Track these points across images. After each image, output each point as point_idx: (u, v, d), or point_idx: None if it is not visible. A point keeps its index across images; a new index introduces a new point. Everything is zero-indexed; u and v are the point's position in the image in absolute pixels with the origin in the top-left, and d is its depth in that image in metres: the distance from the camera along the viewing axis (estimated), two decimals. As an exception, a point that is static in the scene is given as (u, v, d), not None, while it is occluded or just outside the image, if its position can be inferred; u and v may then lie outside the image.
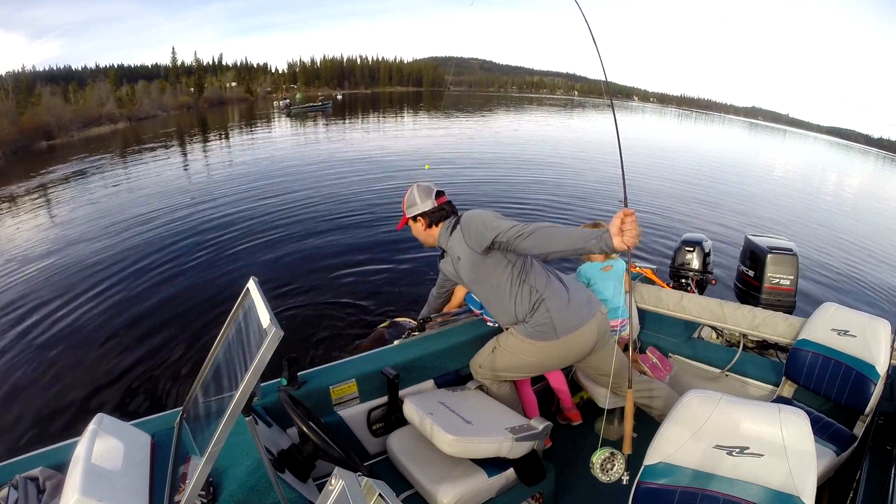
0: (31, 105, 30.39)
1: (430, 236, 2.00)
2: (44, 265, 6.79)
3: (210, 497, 1.19)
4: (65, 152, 18.83)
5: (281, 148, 17.23)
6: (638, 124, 43.69)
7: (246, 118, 30.29)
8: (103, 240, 7.60)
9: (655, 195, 10.98)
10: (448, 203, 2.01)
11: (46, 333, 4.82)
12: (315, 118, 28.25)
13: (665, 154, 20.69)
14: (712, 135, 43.81)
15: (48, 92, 35.60)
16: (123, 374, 4.06)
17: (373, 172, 12.03)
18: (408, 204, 2.01)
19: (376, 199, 9.36)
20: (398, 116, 33.13)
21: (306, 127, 24.29)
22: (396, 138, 20.96)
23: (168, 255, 6.88)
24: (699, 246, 3.43)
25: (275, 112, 34.79)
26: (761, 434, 1.11)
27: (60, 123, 26.19)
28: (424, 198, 1.96)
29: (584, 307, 1.90)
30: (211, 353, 1.38)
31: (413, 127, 25.75)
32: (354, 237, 7.28)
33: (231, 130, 20.44)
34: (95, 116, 31.15)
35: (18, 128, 23.67)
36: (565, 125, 33.12)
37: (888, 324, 1.87)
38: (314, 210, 8.71)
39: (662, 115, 78.25)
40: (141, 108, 37.15)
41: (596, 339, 1.91)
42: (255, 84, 75.42)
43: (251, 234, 7.59)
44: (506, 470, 1.70)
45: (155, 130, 25.51)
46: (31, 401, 3.79)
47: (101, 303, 5.44)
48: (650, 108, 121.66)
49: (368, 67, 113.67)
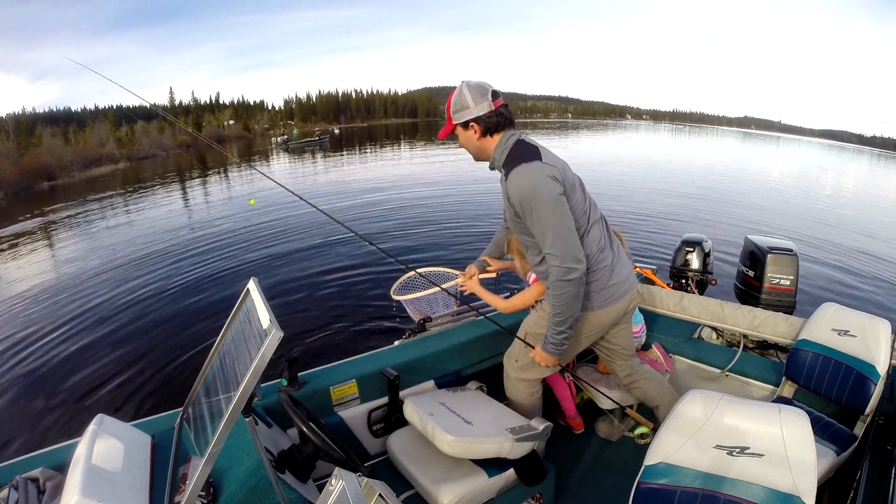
0: (31, 146, 30.75)
1: (485, 149, 1.67)
2: (48, 272, 6.82)
3: (210, 497, 1.19)
4: (66, 192, 19.11)
5: (281, 178, 17.37)
6: (636, 140, 44.07)
7: (245, 155, 30.49)
8: (107, 251, 7.68)
9: (655, 196, 10.99)
10: (505, 106, 1.65)
11: (47, 335, 4.82)
12: (313, 153, 28.47)
13: (664, 159, 20.77)
14: (708, 145, 44.40)
15: (48, 133, 35.95)
16: (123, 374, 4.07)
17: (372, 194, 12.18)
18: (456, 107, 1.63)
19: (375, 215, 9.43)
20: (395, 147, 33.34)
21: (304, 161, 24.54)
22: (393, 167, 21.14)
23: (169, 259, 6.91)
24: (699, 246, 3.43)
25: (273, 148, 35.08)
26: (762, 434, 1.11)
27: (61, 164, 26.50)
28: (479, 98, 1.60)
29: (624, 283, 1.75)
30: (211, 354, 1.38)
31: (410, 156, 25.93)
32: (355, 244, 7.30)
33: (230, 167, 20.69)
34: (96, 157, 31.45)
35: (20, 169, 23.95)
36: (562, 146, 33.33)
37: (888, 324, 1.86)
38: (314, 222, 8.77)
39: (657, 131, 78.81)
40: (141, 148, 37.40)
41: (623, 315, 1.82)
42: (253, 121, 75.60)
43: (252, 240, 7.63)
44: (506, 470, 1.70)
45: (155, 169, 25.80)
46: (31, 401, 3.80)
47: (102, 305, 5.45)
48: (644, 125, 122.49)
49: (363, 101, 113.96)
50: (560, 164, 1.63)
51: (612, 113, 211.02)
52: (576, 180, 1.68)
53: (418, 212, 9.65)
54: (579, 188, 1.68)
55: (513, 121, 1.68)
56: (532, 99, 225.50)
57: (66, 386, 3.97)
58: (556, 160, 1.64)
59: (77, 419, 3.46)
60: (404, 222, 8.74)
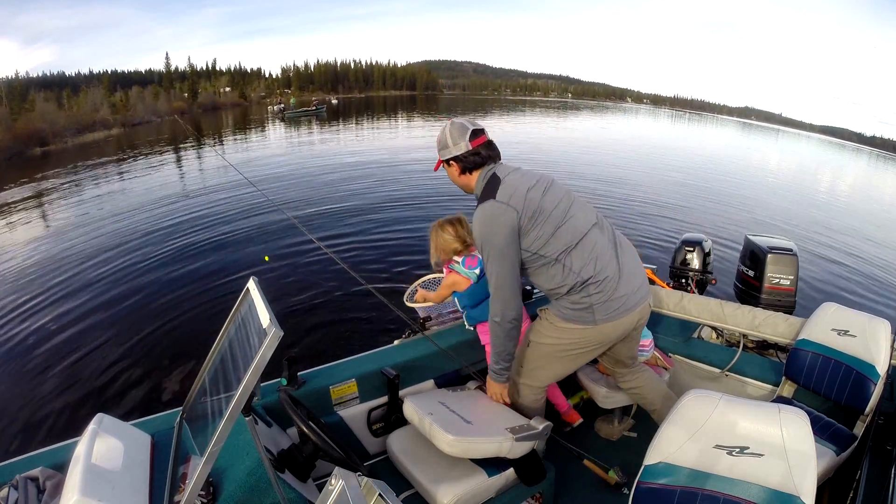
0: (24, 111, 30.45)
1: (468, 185, 1.75)
2: (43, 265, 6.79)
3: (210, 497, 1.19)
4: (59, 158, 18.97)
5: (276, 152, 17.26)
6: (635, 125, 43.80)
7: (240, 123, 30.28)
8: (102, 241, 7.63)
9: (655, 195, 10.99)
10: (486, 145, 1.70)
11: (46, 334, 4.82)
12: (309, 122, 28.14)
13: (663, 154, 20.73)
14: (708, 135, 44.05)
15: (42, 98, 35.66)
16: (123, 374, 4.07)
17: (373, 175, 12.05)
18: (440, 145, 1.75)
19: (378, 200, 9.38)
20: (393, 120, 33.09)
21: (301, 131, 24.29)
22: (392, 141, 21.01)
23: (168, 255, 6.89)
24: (699, 246, 3.43)
25: (269, 117, 34.72)
26: (761, 434, 1.11)
27: (54, 129, 26.33)
28: (457, 138, 1.69)
29: (632, 295, 1.67)
30: (211, 353, 1.38)
31: (408, 130, 25.76)
32: (355, 238, 7.28)
33: (225, 135, 20.52)
34: (89, 122, 31.32)
35: (12, 134, 23.82)
36: (558, 127, 33.16)
37: (888, 324, 1.86)
38: (314, 211, 8.71)
39: (657, 117, 78.70)
40: (135, 114, 37.38)
41: (631, 330, 1.75)
42: (249, 89, 75.48)
43: (251, 235, 7.60)
44: (506, 470, 1.70)
45: (149, 135, 25.60)
46: (31, 401, 3.79)
47: (101, 303, 5.45)
48: (644, 109, 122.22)
49: (362, 71, 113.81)
50: (519, 195, 1.60)
51: (613, 95, 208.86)
52: (544, 203, 1.62)
53: (421, 203, 9.63)
54: (553, 210, 1.63)
55: (493, 157, 1.73)
56: (532, 77, 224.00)
57: (65, 385, 3.96)
58: (516, 189, 1.62)
59: (77, 419, 3.46)
60: (407, 213, 8.67)
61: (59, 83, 53.87)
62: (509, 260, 1.61)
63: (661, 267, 3.56)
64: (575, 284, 1.62)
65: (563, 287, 1.65)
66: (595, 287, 1.62)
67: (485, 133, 1.72)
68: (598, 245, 1.64)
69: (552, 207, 1.63)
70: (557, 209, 1.64)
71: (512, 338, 1.73)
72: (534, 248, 1.62)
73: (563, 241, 1.61)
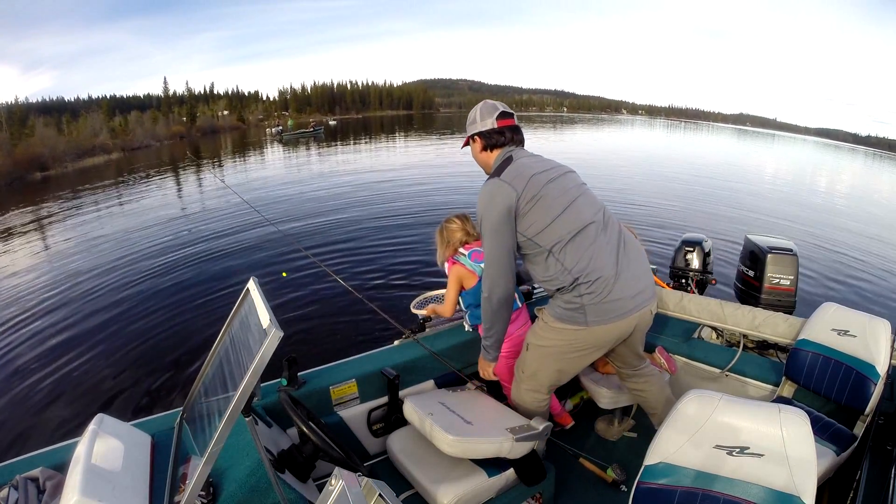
0: (24, 137, 30.53)
1: (486, 162, 1.78)
2: (48, 274, 6.82)
3: (210, 497, 1.19)
4: (59, 183, 19.12)
5: (273, 173, 17.41)
6: (631, 136, 43.99)
7: (238, 146, 30.38)
8: (103, 255, 7.68)
9: (655, 196, 10.99)
10: (511, 128, 1.75)
11: (47, 335, 4.82)
12: (307, 144, 28.36)
13: (661, 160, 20.77)
14: (705, 143, 44.39)
15: (41, 123, 35.70)
16: (123, 374, 4.07)
17: (370, 190, 12.20)
18: (469, 120, 1.80)
19: (374, 213, 9.43)
20: (389, 139, 33.25)
21: (298, 152, 24.46)
22: (389, 159, 21.13)
23: (168, 258, 6.90)
24: (699, 246, 3.43)
25: (267, 139, 35.01)
26: (761, 434, 1.11)
27: (54, 154, 26.40)
28: (486, 116, 1.75)
29: (631, 299, 1.62)
30: (211, 354, 1.38)
31: (405, 149, 25.88)
32: (355, 243, 7.29)
33: (224, 158, 20.61)
34: (89, 147, 31.45)
35: (13, 159, 23.90)
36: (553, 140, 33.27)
37: (888, 324, 1.86)
38: (313, 219, 8.75)
39: (652, 127, 78.97)
40: (134, 138, 37.50)
41: (629, 335, 1.72)
42: (247, 112, 75.69)
43: (250, 237, 7.61)
44: (506, 470, 1.70)
45: (149, 159, 25.71)
46: (32, 401, 3.80)
47: (101, 305, 5.45)
48: (639, 120, 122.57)
49: (359, 92, 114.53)
50: (524, 176, 1.61)
51: (608, 107, 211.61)
52: (548, 190, 1.62)
53: (422, 205, 9.63)
54: (556, 199, 1.62)
55: (516, 141, 1.76)
56: (528, 92, 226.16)
57: (65, 385, 3.97)
58: (521, 171, 1.63)
59: (77, 419, 3.46)
60: (408, 217, 8.70)
61: (59, 108, 54.52)
62: (502, 238, 1.63)
63: (661, 267, 3.56)
64: (566, 281, 1.60)
65: (555, 281, 1.64)
66: (586, 287, 1.59)
67: (513, 117, 1.77)
68: (597, 244, 1.60)
69: (555, 196, 1.62)
70: (561, 199, 1.63)
71: (500, 318, 1.76)
72: (529, 232, 1.62)
73: (558, 233, 1.60)
